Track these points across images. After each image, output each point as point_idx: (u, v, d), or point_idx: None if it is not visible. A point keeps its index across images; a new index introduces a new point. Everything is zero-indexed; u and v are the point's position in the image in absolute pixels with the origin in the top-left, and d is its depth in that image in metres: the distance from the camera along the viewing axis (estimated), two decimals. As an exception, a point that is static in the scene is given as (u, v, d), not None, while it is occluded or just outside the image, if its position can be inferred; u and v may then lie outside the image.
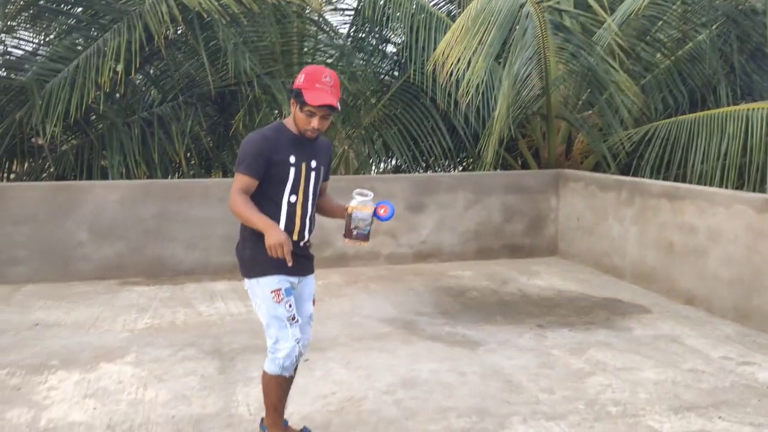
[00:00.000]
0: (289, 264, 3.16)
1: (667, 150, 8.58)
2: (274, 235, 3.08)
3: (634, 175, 8.78)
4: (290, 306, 3.29)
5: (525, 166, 10.21)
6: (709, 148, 8.11)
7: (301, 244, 3.39)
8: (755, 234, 5.54)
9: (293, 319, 3.30)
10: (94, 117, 9.16)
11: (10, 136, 8.48)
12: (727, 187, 7.54)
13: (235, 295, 6.60)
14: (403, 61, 10.37)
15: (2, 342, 5.21)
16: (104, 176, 8.63)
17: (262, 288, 3.30)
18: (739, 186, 8.01)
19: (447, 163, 10.75)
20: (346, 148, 10.71)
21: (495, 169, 9.30)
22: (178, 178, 9.58)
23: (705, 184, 7.97)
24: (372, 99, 10.26)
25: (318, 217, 3.54)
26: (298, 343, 3.31)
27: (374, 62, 10.82)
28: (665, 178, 8.53)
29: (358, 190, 3.44)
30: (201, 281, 7.18)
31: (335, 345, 5.13)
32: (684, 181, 8.44)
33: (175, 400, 4.16)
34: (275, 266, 3.25)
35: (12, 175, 9.49)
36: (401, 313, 5.97)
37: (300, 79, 3.22)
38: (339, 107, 3.24)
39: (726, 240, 5.83)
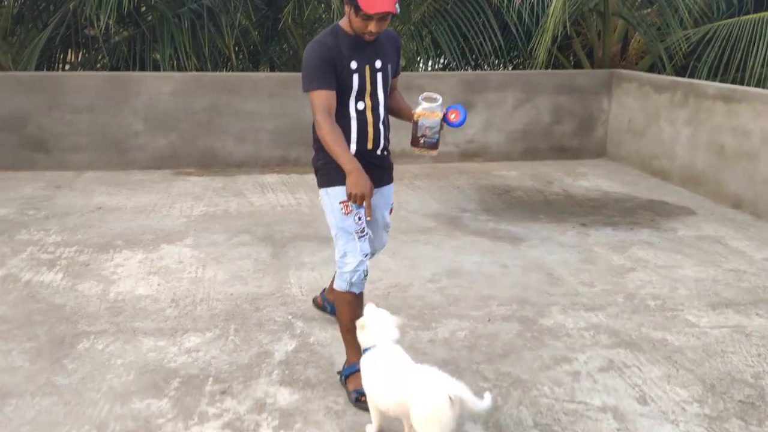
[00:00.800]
0: (368, 218, 3.01)
1: (727, 52, 8.29)
2: (357, 183, 2.88)
3: (691, 77, 8.54)
4: (359, 219, 3.07)
5: (578, 66, 9.98)
6: (771, 50, 7.81)
7: (378, 152, 3.17)
8: (811, 138, 5.43)
9: (362, 232, 3.08)
10: (144, 9, 9.19)
11: (65, 26, 8.60)
12: (786, 91, 7.30)
13: (284, 187, 6.80)
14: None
15: (69, 223, 5.52)
16: (156, 68, 8.76)
17: (331, 199, 3.09)
18: (800, 90, 7.75)
19: (497, 62, 10.56)
20: (395, 44, 10.56)
21: (547, 68, 9.12)
22: (227, 71, 9.65)
23: (764, 88, 7.73)
24: (422, -7, 10.02)
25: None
26: (366, 257, 3.09)
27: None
28: (722, 81, 8.28)
29: (425, 94, 3.16)
30: (251, 173, 7.38)
31: (382, 236, 5.31)
32: (742, 84, 8.19)
33: (233, 279, 4.42)
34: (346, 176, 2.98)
35: (67, 66, 9.68)
36: (446, 210, 6.10)
37: None
38: (398, 9, 2.92)
39: (780, 144, 5.73)
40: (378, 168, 3.18)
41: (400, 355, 2.72)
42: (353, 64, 3.00)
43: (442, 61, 10.84)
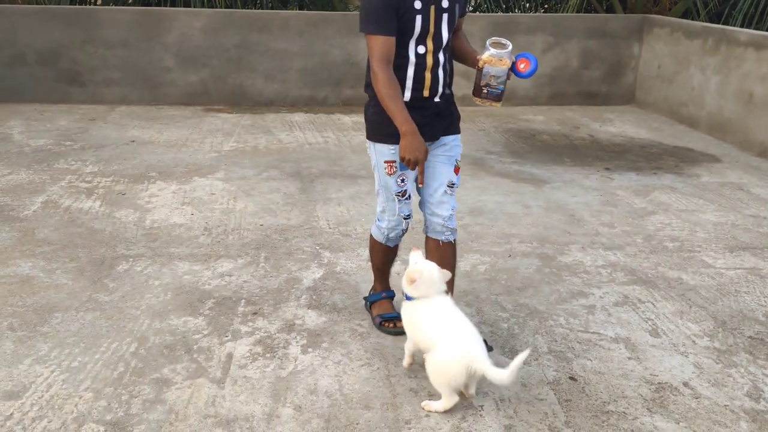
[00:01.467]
0: (420, 185, 2.89)
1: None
2: (411, 146, 2.73)
3: (725, 24, 8.39)
4: (402, 181, 2.94)
5: (610, 10, 9.83)
6: (810, -3, 7.65)
7: (436, 99, 2.91)
8: (843, 87, 5.39)
9: (403, 195, 2.97)
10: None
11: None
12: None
13: (312, 126, 6.90)
14: None
15: (105, 154, 5.70)
16: (186, 4, 8.80)
17: (377, 155, 2.97)
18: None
19: (528, 5, 10.43)
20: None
21: (579, 12, 9.01)
22: (257, 9, 9.66)
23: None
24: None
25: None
26: (406, 218, 3.02)
27: None
28: (757, 29, 8.14)
29: (493, 39, 2.91)
30: (279, 112, 7.49)
31: (407, 174, 5.42)
32: (778, 32, 8.04)
33: (262, 211, 4.58)
34: (388, 133, 2.86)
35: (99, 0, 9.75)
36: (471, 151, 6.17)
37: None
38: None
39: (811, 92, 5.69)
40: (437, 117, 2.93)
41: (448, 304, 2.70)
42: (417, 4, 2.76)
43: (473, 2, 10.73)
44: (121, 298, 3.40)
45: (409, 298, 2.75)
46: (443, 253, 3.01)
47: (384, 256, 3.20)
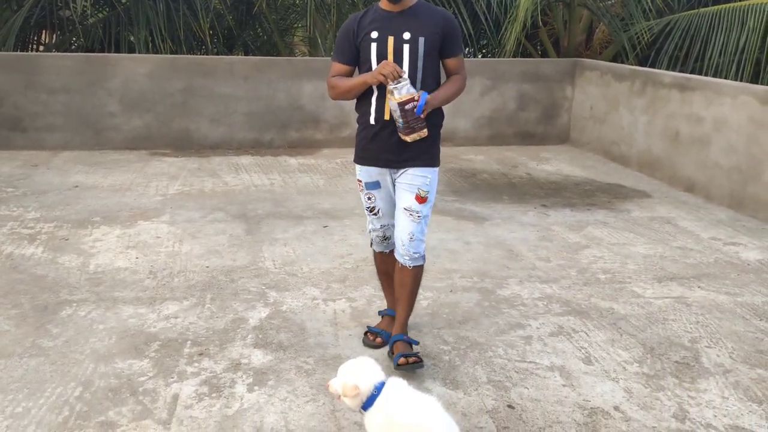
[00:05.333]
0: (401, 74, 2.98)
1: (686, 42, 8.64)
2: (376, 70, 2.99)
3: (652, 67, 8.87)
4: (369, 198, 3.28)
5: (544, 54, 10.28)
6: (727, 41, 8.18)
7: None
8: (756, 125, 5.77)
9: (371, 211, 3.32)
10: (119, -10, 9.28)
11: (40, 7, 8.66)
12: (741, 81, 7.66)
13: (258, 168, 6.99)
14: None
15: (47, 200, 5.67)
16: (131, 51, 8.87)
17: (355, 173, 3.34)
18: (754, 80, 8.12)
19: (467, 50, 10.81)
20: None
21: (515, 57, 9.40)
22: (202, 55, 9.78)
23: (720, 78, 8.09)
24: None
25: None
26: (373, 232, 3.38)
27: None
28: (682, 71, 8.63)
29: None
30: (226, 155, 7.56)
31: (352, 215, 5.54)
32: (700, 74, 8.54)
33: (208, 253, 4.63)
34: (361, 156, 3.22)
35: (41, 47, 9.73)
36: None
37: None
38: None
39: (729, 130, 6.07)
40: (399, 144, 3.10)
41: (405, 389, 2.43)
42: (374, 34, 3.06)
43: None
44: (65, 343, 3.39)
45: (367, 407, 2.42)
46: (402, 276, 3.26)
47: (376, 261, 3.56)
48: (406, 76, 3.01)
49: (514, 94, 8.50)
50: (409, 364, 3.11)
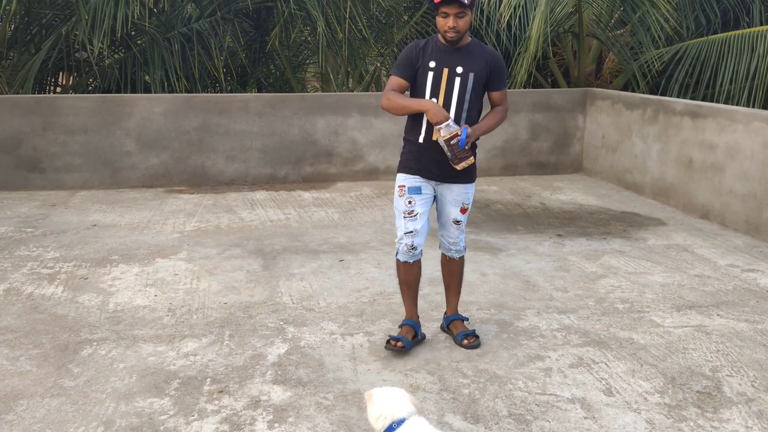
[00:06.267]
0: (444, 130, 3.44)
1: (697, 70, 8.69)
2: (434, 111, 3.42)
3: (663, 94, 8.91)
4: (410, 202, 3.65)
5: (555, 85, 10.35)
6: (738, 68, 8.22)
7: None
8: (771, 151, 5.77)
9: (410, 213, 3.65)
10: (134, 32, 9.47)
11: (57, 49, 8.85)
12: (753, 107, 7.68)
13: (273, 204, 7.05)
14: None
15: (66, 239, 5.74)
16: (147, 90, 9.02)
17: (396, 182, 3.72)
18: (766, 106, 8.14)
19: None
20: (378, 65, 10.91)
21: (525, 88, 9.47)
22: (217, 93, 9.93)
23: (732, 105, 8.11)
24: (404, 15, 10.38)
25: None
26: (406, 235, 3.67)
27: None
28: (693, 98, 8.66)
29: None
30: (241, 191, 7.63)
31: (367, 248, 5.57)
32: (711, 101, 8.57)
33: (226, 290, 4.66)
34: (407, 166, 3.67)
35: (58, 89, 9.92)
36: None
37: None
38: (468, 2, 3.42)
39: (742, 156, 6.07)
40: (443, 162, 3.56)
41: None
42: (431, 63, 3.54)
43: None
44: (86, 382, 3.41)
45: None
46: (451, 266, 3.94)
47: (400, 272, 3.83)
48: (451, 118, 3.48)
49: (526, 125, 8.54)
50: (470, 344, 3.76)
